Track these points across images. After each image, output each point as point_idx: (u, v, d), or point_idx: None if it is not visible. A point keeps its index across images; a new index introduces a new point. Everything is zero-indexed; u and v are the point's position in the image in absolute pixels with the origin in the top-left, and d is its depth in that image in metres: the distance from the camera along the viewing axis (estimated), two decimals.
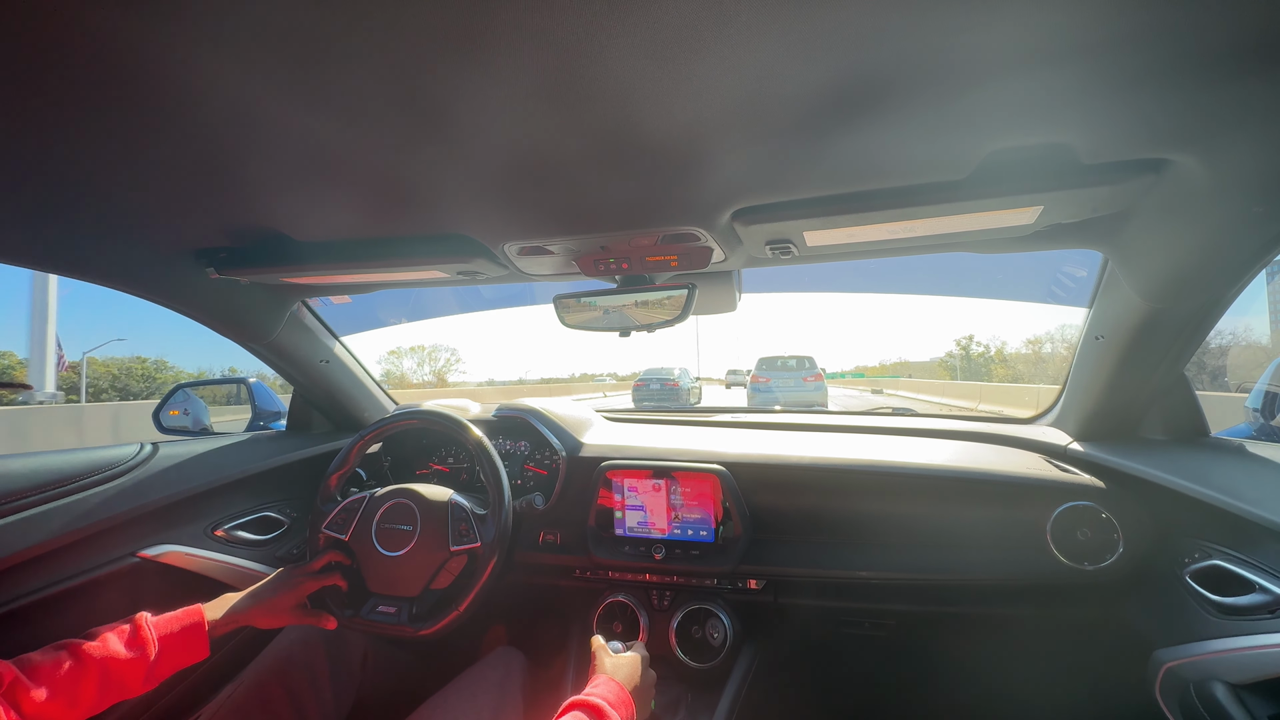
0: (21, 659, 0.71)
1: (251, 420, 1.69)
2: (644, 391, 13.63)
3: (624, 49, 0.48)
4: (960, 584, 1.12)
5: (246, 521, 1.27)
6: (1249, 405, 1.82)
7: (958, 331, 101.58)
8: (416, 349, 40.55)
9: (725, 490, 1.21)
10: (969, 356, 43.49)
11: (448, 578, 1.09)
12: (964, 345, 44.41)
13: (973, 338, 41.46)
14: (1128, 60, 0.50)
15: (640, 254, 0.99)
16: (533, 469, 1.45)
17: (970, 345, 44.11)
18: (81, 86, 0.52)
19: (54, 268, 0.94)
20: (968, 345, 44.28)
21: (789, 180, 0.74)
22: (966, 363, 42.98)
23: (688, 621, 1.21)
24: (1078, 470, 1.11)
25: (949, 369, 45.28)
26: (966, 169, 0.71)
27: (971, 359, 43.13)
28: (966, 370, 42.09)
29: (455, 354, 52.22)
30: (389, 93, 0.55)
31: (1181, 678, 0.85)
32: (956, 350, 45.53)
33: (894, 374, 54.77)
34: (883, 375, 52.60)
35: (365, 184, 0.76)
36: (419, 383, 39.36)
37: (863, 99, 0.56)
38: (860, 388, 33.37)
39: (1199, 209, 0.73)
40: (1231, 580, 0.83)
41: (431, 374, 39.99)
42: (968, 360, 43.27)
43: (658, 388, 13.52)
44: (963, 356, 44.00)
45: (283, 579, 1.00)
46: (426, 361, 41.22)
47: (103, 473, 1.04)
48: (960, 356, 44.45)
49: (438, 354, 42.46)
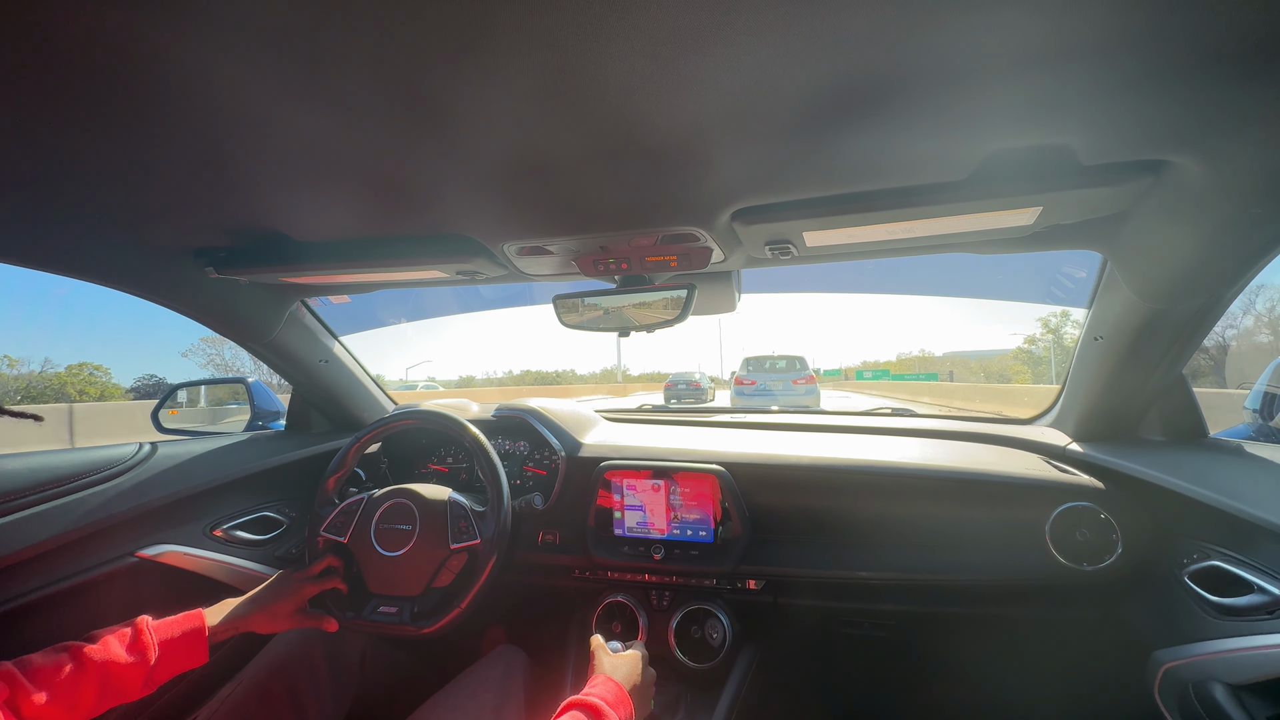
0: (22, 660, 0.71)
1: (251, 420, 1.69)
2: (673, 391, 16.38)
3: (624, 49, 0.48)
4: (959, 584, 1.12)
5: (245, 521, 1.27)
6: (1248, 406, 1.82)
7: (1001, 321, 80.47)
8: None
9: (724, 490, 1.21)
10: (1060, 342, 27.92)
11: (448, 576, 1.09)
12: (1053, 327, 28.85)
13: (1067, 314, 21.63)
14: (1127, 62, 0.50)
15: (640, 254, 0.99)
16: (532, 469, 1.45)
17: (1063, 326, 27.73)
18: (81, 86, 0.52)
19: (53, 267, 0.94)
20: (1058, 327, 28.29)
21: (788, 180, 0.74)
22: (1060, 352, 26.83)
23: (687, 622, 1.21)
24: (1077, 471, 1.12)
25: (1029, 361, 31.57)
26: (966, 170, 0.71)
27: (1064, 346, 26.75)
28: (1062, 363, 21.94)
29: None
30: (389, 93, 0.55)
31: (1180, 678, 0.85)
32: (1042, 334, 30.28)
33: (921, 371, 42.56)
34: (908, 374, 39.44)
35: (365, 184, 0.76)
36: None
37: (862, 99, 0.56)
38: (887, 394, 22.70)
39: (1198, 210, 0.73)
40: (1230, 581, 0.83)
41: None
42: (1059, 348, 27.34)
43: (684, 387, 16.35)
44: (1053, 343, 28.44)
45: (281, 584, 1.00)
46: None
47: (102, 472, 1.04)
48: (1047, 344, 29.21)
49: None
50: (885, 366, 50.74)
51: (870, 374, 39.31)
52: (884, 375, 37.91)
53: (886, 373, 40.64)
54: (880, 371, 42.15)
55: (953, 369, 40.44)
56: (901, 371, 44.93)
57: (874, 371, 41.78)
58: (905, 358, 62.18)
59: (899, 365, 54.22)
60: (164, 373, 34.86)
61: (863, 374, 39.69)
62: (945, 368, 44.32)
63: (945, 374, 35.93)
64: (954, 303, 61.48)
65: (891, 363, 57.97)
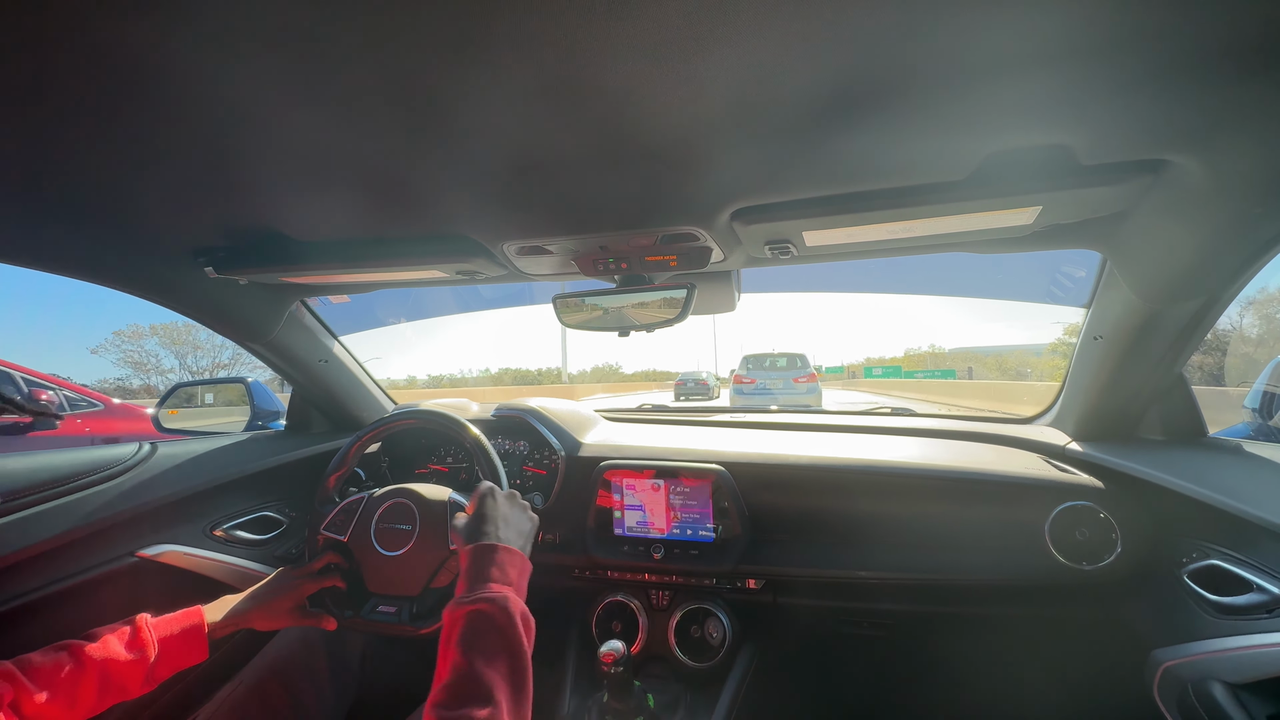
0: (21, 659, 0.71)
1: (250, 420, 1.69)
2: (683, 388, 18.33)
3: (623, 49, 0.48)
4: (959, 584, 1.12)
5: (245, 521, 1.27)
6: (1247, 405, 1.82)
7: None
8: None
9: (724, 490, 1.21)
10: None
11: (448, 576, 1.09)
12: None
13: None
14: (1126, 62, 0.50)
15: (639, 254, 0.99)
16: (532, 469, 1.45)
17: None
18: (80, 86, 0.52)
19: (51, 267, 0.94)
20: None
21: (788, 180, 0.74)
22: None
23: (687, 621, 1.21)
24: (1076, 470, 1.12)
25: (1068, 354, 25.84)
26: (965, 170, 0.71)
27: None
28: None
29: None
30: (389, 93, 0.54)
31: (1180, 677, 0.85)
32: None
33: (934, 368, 36.75)
34: (918, 370, 35.54)
35: (364, 184, 0.76)
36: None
37: (862, 99, 0.56)
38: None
39: (1197, 210, 0.73)
40: (1229, 580, 0.83)
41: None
42: None
43: (692, 385, 18.33)
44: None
45: (281, 581, 1.00)
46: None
47: (102, 472, 1.04)
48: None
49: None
50: (895, 363, 47.11)
51: (880, 371, 36.58)
52: (895, 373, 34.96)
53: (898, 369, 37.54)
54: (891, 368, 38.68)
55: (970, 365, 35.37)
56: (912, 368, 40.69)
57: (883, 368, 38.62)
58: (914, 353, 57.65)
59: (909, 362, 49.39)
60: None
61: (871, 371, 37.05)
62: (959, 364, 39.60)
63: (964, 370, 32.58)
64: (952, 301, 60.02)
65: (900, 359, 53.61)
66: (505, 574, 0.73)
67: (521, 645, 0.64)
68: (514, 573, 0.74)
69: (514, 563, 0.75)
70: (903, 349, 73.62)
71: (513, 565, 0.75)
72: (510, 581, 0.72)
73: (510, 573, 0.73)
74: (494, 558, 0.74)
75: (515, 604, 0.68)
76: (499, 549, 0.76)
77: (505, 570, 0.73)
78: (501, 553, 0.75)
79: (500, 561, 0.74)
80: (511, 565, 0.75)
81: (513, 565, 0.75)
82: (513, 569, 0.74)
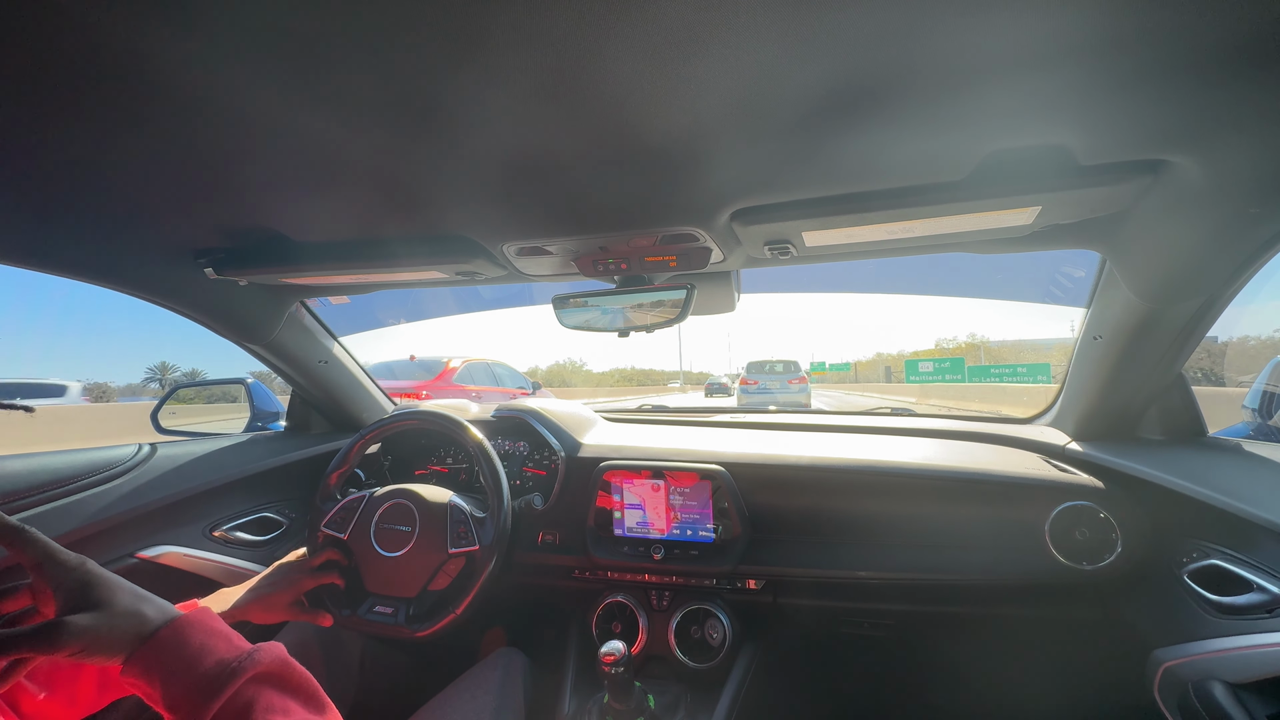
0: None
1: (250, 421, 1.69)
2: (710, 389, 23.93)
3: (623, 50, 0.48)
4: (959, 584, 1.12)
5: (245, 522, 1.26)
6: (1246, 405, 1.82)
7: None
8: None
9: (724, 490, 1.21)
10: None
11: (445, 580, 1.09)
12: None
13: None
14: (1125, 62, 0.50)
15: (639, 254, 0.99)
16: (531, 470, 1.45)
17: None
18: (79, 86, 0.52)
19: (51, 268, 0.94)
20: None
21: (788, 181, 0.74)
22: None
23: (687, 621, 1.21)
24: (1076, 470, 1.12)
25: None
26: (965, 170, 0.71)
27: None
28: None
29: None
30: (388, 93, 0.54)
31: (1180, 677, 0.85)
32: None
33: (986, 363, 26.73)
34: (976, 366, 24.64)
35: (364, 184, 0.76)
36: None
37: (861, 100, 0.56)
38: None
39: (1196, 210, 0.73)
40: (1230, 580, 0.83)
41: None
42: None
43: (717, 387, 24.01)
44: None
45: (280, 575, 1.00)
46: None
47: (101, 473, 1.04)
48: None
49: None
50: (956, 353, 32.17)
51: (932, 367, 24.54)
52: (959, 369, 23.74)
53: (961, 363, 25.01)
54: (952, 361, 25.60)
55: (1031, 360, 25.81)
56: (975, 362, 29.37)
57: (936, 363, 25.36)
58: (949, 344, 46.82)
59: (972, 353, 37.25)
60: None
61: (915, 367, 24.80)
62: (1025, 356, 28.89)
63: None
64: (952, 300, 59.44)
65: (931, 351, 40.09)
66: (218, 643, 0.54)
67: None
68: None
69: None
70: (933, 340, 64.77)
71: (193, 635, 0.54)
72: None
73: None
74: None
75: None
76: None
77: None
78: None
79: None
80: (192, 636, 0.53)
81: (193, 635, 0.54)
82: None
